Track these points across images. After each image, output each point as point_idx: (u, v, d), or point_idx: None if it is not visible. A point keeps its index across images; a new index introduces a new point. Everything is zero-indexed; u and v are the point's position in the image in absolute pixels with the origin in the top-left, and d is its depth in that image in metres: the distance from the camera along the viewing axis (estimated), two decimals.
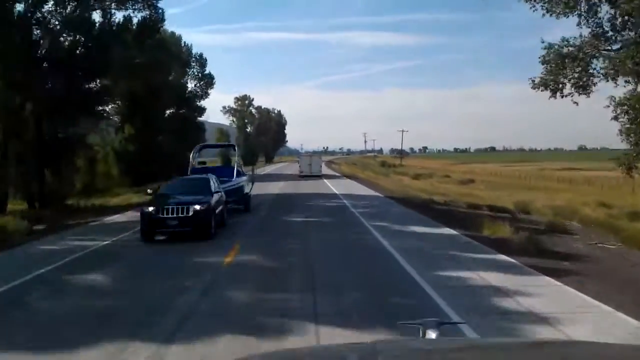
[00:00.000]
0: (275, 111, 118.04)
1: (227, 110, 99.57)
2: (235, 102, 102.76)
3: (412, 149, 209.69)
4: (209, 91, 44.01)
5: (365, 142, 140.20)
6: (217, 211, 13.17)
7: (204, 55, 43.24)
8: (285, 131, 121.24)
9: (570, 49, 13.94)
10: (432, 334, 2.04)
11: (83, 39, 21.63)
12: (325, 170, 48.89)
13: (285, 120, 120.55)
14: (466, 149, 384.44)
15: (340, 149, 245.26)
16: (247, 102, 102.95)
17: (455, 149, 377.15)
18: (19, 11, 19.60)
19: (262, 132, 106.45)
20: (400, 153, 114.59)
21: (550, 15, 13.62)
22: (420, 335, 2.08)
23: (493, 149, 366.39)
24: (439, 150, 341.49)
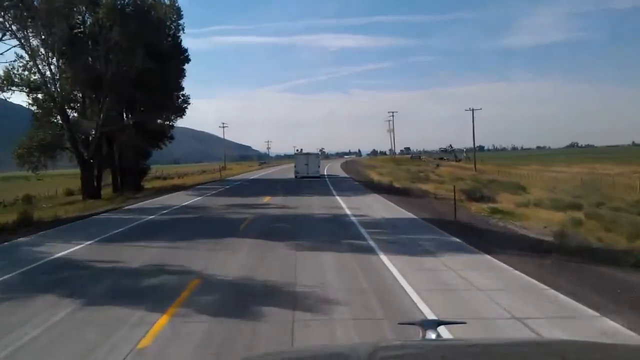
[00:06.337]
0: None
1: None
2: None
3: (403, 149, 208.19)
4: None
5: (393, 135, 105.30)
6: None
7: None
8: (186, 54, 37.84)
9: None
10: (432, 334, 2.04)
11: None
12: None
13: (180, 14, 35.67)
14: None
15: (321, 149, 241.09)
16: None
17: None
18: None
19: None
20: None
21: None
22: (420, 335, 2.07)
23: (483, 148, 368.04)
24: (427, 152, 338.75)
